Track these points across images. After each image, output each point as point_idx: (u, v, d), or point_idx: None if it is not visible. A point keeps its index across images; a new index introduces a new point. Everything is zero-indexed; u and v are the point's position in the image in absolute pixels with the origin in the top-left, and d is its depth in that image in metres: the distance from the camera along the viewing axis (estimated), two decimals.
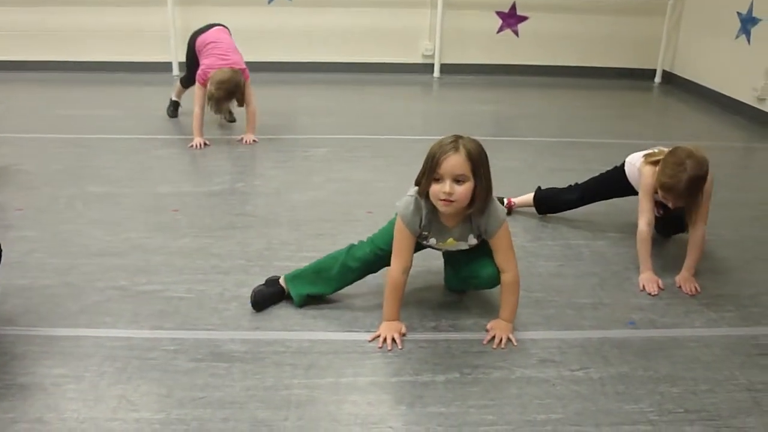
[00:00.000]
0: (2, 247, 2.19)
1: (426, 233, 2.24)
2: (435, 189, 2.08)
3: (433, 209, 2.17)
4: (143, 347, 2.17)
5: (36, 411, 1.87)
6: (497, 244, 2.24)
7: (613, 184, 3.01)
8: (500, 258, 2.25)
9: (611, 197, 3.10)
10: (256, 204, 3.41)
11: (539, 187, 3.28)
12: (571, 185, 3.21)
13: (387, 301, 2.27)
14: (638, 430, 1.85)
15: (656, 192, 2.67)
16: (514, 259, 2.27)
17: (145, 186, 3.61)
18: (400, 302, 2.29)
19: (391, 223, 2.33)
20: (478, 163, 2.07)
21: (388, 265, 2.29)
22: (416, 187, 2.18)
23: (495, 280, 2.31)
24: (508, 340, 2.24)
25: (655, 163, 2.68)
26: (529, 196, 3.26)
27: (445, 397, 1.98)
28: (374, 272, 2.44)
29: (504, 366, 2.13)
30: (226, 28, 4.61)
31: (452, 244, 2.27)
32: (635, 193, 2.88)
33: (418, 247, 2.33)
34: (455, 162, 2.04)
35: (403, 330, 2.27)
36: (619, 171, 2.99)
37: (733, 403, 1.98)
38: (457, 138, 2.09)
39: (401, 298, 2.28)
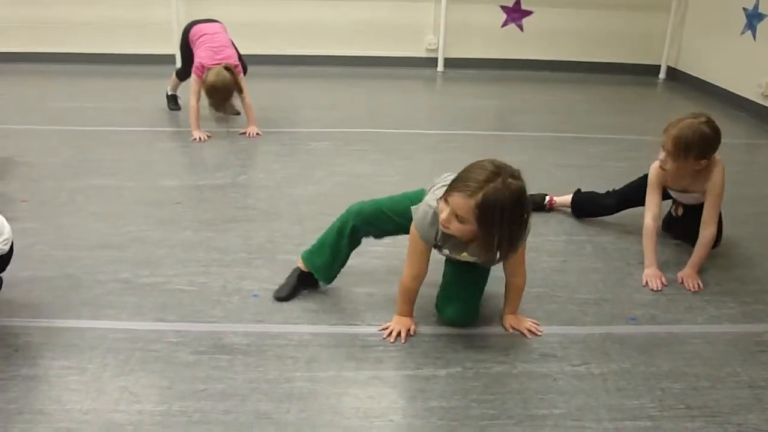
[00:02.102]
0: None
1: (440, 244, 2.16)
2: (441, 206, 2.00)
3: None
4: (145, 339, 2.18)
5: (39, 402, 1.88)
6: (512, 260, 2.18)
7: (642, 189, 2.93)
8: (512, 266, 2.23)
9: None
10: (258, 197, 3.41)
11: (579, 190, 3.22)
12: (609, 191, 3.13)
13: (400, 300, 2.27)
14: (639, 426, 1.85)
15: (664, 183, 2.66)
16: (524, 264, 2.25)
17: (147, 179, 3.61)
18: (414, 302, 2.28)
19: (403, 196, 2.31)
20: (491, 216, 1.89)
21: (391, 227, 2.31)
22: (436, 197, 2.07)
23: (454, 321, 2.28)
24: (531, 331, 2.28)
25: None
26: (569, 198, 3.23)
27: (446, 391, 1.98)
28: (376, 236, 2.42)
29: (506, 361, 2.13)
30: (223, 25, 4.59)
31: (466, 258, 2.18)
32: (669, 196, 2.86)
33: None
34: (459, 203, 1.91)
35: (414, 328, 2.26)
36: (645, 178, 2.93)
37: (735, 400, 1.97)
38: (490, 178, 1.89)
39: (414, 299, 2.27)
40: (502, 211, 1.89)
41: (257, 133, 4.43)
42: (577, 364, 2.12)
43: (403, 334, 2.22)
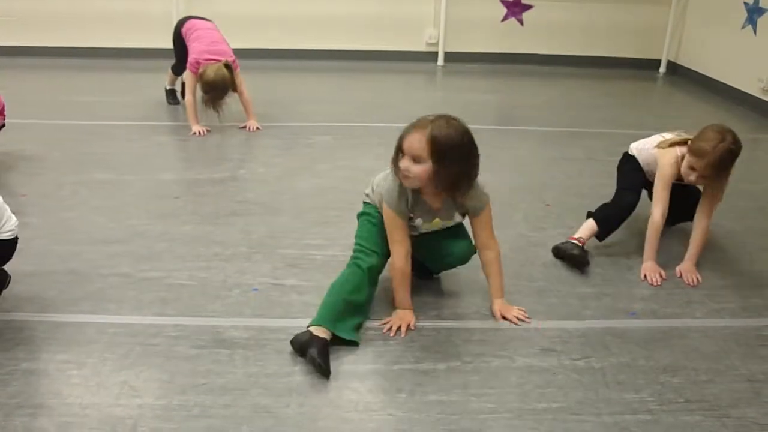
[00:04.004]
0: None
1: (412, 215, 2.24)
2: (399, 163, 2.11)
3: (416, 191, 2.18)
4: (146, 333, 2.18)
5: (40, 396, 1.88)
6: (481, 223, 2.27)
7: (639, 175, 2.88)
8: (484, 236, 2.29)
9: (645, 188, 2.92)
10: (258, 191, 3.41)
11: (590, 212, 2.89)
12: (616, 196, 2.87)
13: (397, 290, 2.28)
14: (639, 420, 1.86)
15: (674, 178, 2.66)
16: (493, 233, 2.31)
17: (147, 173, 3.62)
18: (410, 288, 2.30)
19: (361, 222, 2.37)
20: (443, 149, 2.02)
21: (388, 255, 2.30)
22: (388, 174, 2.23)
23: (468, 255, 2.37)
24: (520, 318, 2.31)
25: (676, 145, 2.66)
26: (588, 225, 2.80)
27: (445, 385, 1.98)
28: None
29: (505, 354, 2.14)
30: (215, 25, 4.57)
31: (438, 224, 2.28)
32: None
33: None
34: (412, 142, 2.06)
35: (413, 322, 2.27)
36: (633, 162, 2.90)
37: (734, 393, 1.98)
38: (436, 119, 2.07)
39: (410, 285, 2.29)
40: (451, 140, 2.04)
41: (257, 128, 4.43)
42: (576, 358, 2.13)
43: (403, 329, 2.23)
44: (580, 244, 2.72)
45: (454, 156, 2.05)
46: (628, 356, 2.14)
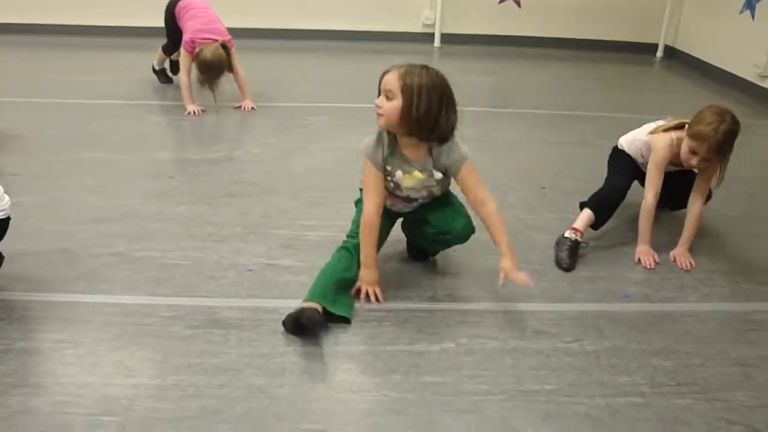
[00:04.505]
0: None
1: (390, 168, 2.24)
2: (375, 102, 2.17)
3: (394, 140, 2.21)
4: (140, 314, 2.18)
5: (34, 376, 1.89)
6: (468, 180, 2.24)
7: (630, 166, 2.87)
8: (476, 191, 2.25)
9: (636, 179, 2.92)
10: (253, 172, 3.40)
11: (582, 203, 2.81)
12: (606, 182, 2.84)
13: (363, 244, 2.27)
14: (630, 402, 1.87)
15: (669, 162, 2.65)
16: (484, 187, 2.27)
17: (141, 152, 3.60)
18: (377, 245, 2.29)
19: (358, 209, 2.38)
20: (413, 86, 2.08)
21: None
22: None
23: (467, 232, 2.35)
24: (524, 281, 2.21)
25: (671, 129, 2.65)
26: (584, 215, 2.73)
27: (440, 366, 1.99)
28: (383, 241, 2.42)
29: (499, 337, 2.15)
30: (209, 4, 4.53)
31: (418, 177, 2.25)
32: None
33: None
34: (387, 78, 2.12)
35: (378, 283, 2.30)
36: (623, 155, 2.90)
37: (724, 377, 2.00)
38: (416, 65, 2.13)
39: (377, 241, 2.28)
40: (421, 78, 2.09)
41: (252, 108, 4.40)
42: (570, 341, 2.14)
43: (378, 293, 2.27)
44: (574, 238, 2.63)
45: (424, 94, 2.08)
46: (621, 339, 2.16)
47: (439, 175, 2.26)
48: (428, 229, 2.40)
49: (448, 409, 1.82)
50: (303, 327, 2.06)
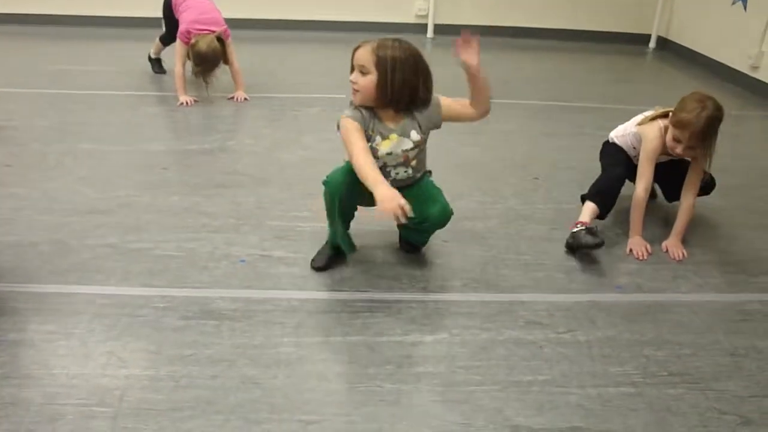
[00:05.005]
0: None
1: (371, 133, 2.24)
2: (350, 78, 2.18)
3: (372, 113, 2.23)
4: (133, 305, 2.18)
5: (26, 367, 1.88)
6: (451, 108, 2.33)
7: (622, 157, 2.85)
8: (462, 105, 2.34)
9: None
10: (246, 163, 3.39)
11: (582, 196, 2.81)
12: (602, 173, 2.82)
13: (362, 168, 2.10)
14: (622, 392, 1.88)
15: (660, 152, 2.65)
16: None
17: (135, 143, 3.58)
18: (375, 163, 2.16)
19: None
20: (386, 59, 2.11)
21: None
22: None
23: (444, 217, 2.35)
24: None
25: (658, 118, 2.66)
26: (587, 208, 2.69)
27: (433, 357, 2.00)
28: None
29: (492, 327, 2.15)
30: None
31: (395, 139, 2.25)
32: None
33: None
34: (360, 53, 2.14)
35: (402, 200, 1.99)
36: (615, 147, 2.89)
37: (716, 367, 2.01)
38: (387, 38, 2.16)
39: (373, 160, 2.16)
40: (394, 51, 2.13)
41: (245, 98, 4.39)
42: (562, 332, 2.14)
43: (405, 207, 1.95)
44: (586, 227, 2.58)
45: (397, 66, 2.12)
46: (613, 330, 2.16)
47: (417, 137, 2.26)
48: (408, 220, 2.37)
49: (442, 400, 1.83)
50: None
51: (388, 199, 1.96)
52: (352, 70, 2.18)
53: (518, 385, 1.90)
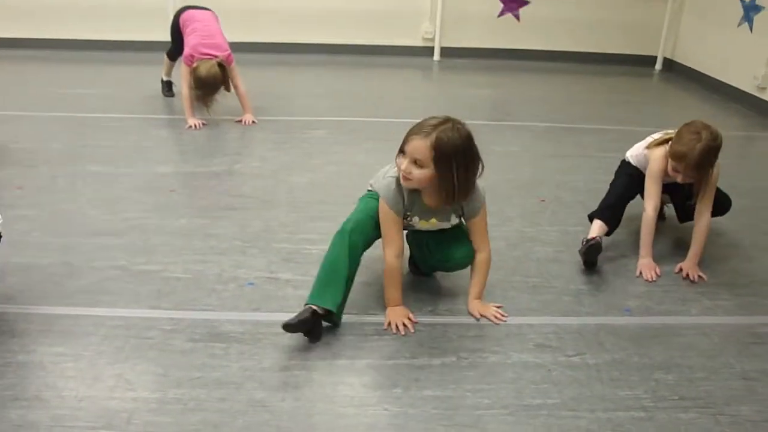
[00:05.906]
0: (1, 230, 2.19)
1: (409, 213, 2.24)
2: (398, 161, 2.12)
3: (415, 190, 2.18)
4: (141, 327, 2.18)
5: (35, 389, 1.88)
6: (476, 226, 2.29)
7: (634, 176, 2.84)
8: (478, 238, 2.30)
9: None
10: (254, 185, 3.41)
11: (590, 215, 2.82)
12: (609, 190, 2.86)
13: (387, 287, 2.28)
14: (632, 417, 1.87)
15: (665, 174, 2.66)
16: (488, 237, 2.33)
17: (143, 166, 3.60)
18: (401, 286, 2.29)
19: (362, 201, 2.31)
20: (446, 157, 2.04)
21: (374, 230, 2.24)
22: (389, 172, 2.22)
23: (467, 261, 2.35)
24: (497, 317, 2.31)
25: (663, 143, 2.67)
26: (596, 226, 2.73)
27: (441, 380, 1.99)
28: (369, 244, 2.32)
29: (500, 350, 2.14)
30: (214, 14, 4.57)
31: (434, 224, 2.28)
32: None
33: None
34: (417, 146, 2.05)
35: (410, 315, 2.27)
36: (629, 166, 2.89)
37: (728, 391, 1.99)
38: (441, 123, 2.07)
39: (401, 283, 2.29)
40: (455, 148, 2.04)
41: (253, 121, 4.42)
42: (571, 355, 2.13)
43: (408, 324, 2.22)
44: (592, 241, 2.61)
45: (456, 163, 2.06)
46: (622, 353, 2.15)
47: (455, 220, 2.29)
48: (428, 255, 2.41)
49: (450, 424, 1.82)
50: (291, 325, 2.06)
51: (396, 317, 2.24)
52: (401, 152, 2.10)
53: (527, 408, 1.89)
